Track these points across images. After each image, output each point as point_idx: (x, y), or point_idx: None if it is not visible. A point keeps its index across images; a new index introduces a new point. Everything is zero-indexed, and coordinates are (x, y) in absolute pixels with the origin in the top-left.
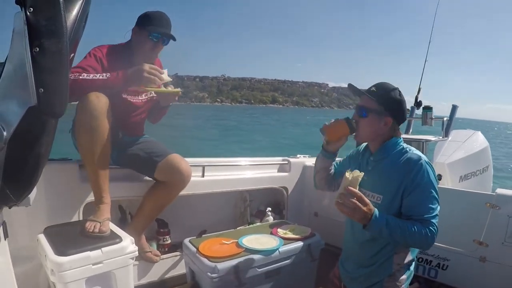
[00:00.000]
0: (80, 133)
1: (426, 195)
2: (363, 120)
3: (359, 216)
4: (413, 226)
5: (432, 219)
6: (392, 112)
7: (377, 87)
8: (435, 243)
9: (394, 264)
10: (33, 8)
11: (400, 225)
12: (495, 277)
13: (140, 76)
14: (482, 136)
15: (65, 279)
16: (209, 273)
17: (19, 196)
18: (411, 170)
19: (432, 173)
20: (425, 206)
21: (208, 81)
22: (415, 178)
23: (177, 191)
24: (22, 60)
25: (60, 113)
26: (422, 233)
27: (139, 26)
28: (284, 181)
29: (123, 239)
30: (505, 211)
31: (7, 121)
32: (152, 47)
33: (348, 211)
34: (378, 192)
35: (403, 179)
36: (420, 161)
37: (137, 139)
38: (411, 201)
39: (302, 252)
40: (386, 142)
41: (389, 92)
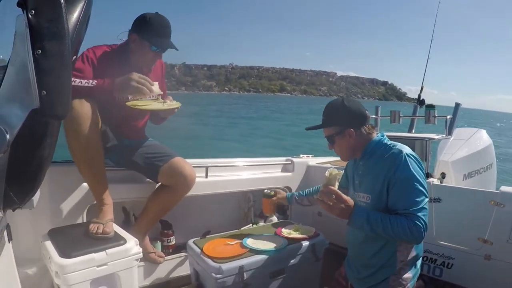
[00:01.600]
0: (69, 140)
1: (409, 188)
2: (335, 146)
3: (337, 212)
4: (397, 220)
5: (417, 212)
6: (346, 124)
7: (324, 113)
8: (440, 241)
9: (397, 261)
10: (34, 10)
11: (382, 219)
12: (500, 275)
13: (128, 85)
14: (486, 134)
15: (70, 281)
16: (213, 274)
17: (22, 199)
18: (392, 165)
19: (417, 166)
20: (409, 199)
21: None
22: (396, 172)
23: (181, 194)
24: (24, 63)
25: (63, 115)
26: (406, 227)
27: (139, 35)
28: (287, 181)
29: (128, 240)
30: (510, 208)
31: (10, 124)
32: (153, 58)
33: (327, 207)
34: (367, 192)
35: (386, 174)
36: (400, 155)
37: (140, 143)
38: (394, 195)
39: (306, 252)
40: (368, 144)
41: (333, 110)
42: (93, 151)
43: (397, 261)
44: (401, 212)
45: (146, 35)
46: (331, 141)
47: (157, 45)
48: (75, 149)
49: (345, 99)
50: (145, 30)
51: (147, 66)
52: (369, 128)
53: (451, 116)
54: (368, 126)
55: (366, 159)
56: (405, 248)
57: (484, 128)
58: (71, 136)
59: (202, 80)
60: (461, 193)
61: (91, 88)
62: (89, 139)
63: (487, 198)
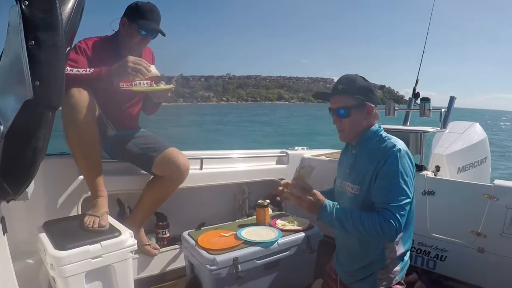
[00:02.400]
0: (66, 130)
1: (392, 183)
2: (347, 120)
3: (306, 205)
4: (368, 216)
5: (393, 210)
6: (369, 99)
7: (343, 82)
8: (433, 234)
9: (387, 258)
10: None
11: (352, 214)
12: (493, 268)
13: (125, 69)
14: (480, 128)
15: (65, 274)
16: (208, 266)
17: (17, 190)
18: (382, 157)
19: (407, 164)
20: (388, 194)
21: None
22: (385, 165)
23: (175, 185)
24: (17, 54)
25: (57, 105)
26: (377, 223)
27: (128, 19)
28: (282, 173)
29: (122, 232)
30: (503, 202)
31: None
32: (140, 41)
33: (296, 201)
34: (357, 184)
35: (376, 166)
36: (393, 149)
37: (133, 133)
38: (376, 187)
39: (301, 243)
40: (365, 133)
41: (356, 81)
42: (90, 141)
43: (386, 258)
44: (378, 205)
45: (134, 18)
46: (346, 113)
47: (145, 28)
48: (72, 139)
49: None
50: (134, 14)
51: (135, 50)
52: (376, 115)
53: (445, 109)
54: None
55: (359, 149)
56: (393, 245)
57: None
58: (68, 125)
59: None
60: (455, 186)
61: (89, 76)
62: (87, 129)
63: (481, 191)
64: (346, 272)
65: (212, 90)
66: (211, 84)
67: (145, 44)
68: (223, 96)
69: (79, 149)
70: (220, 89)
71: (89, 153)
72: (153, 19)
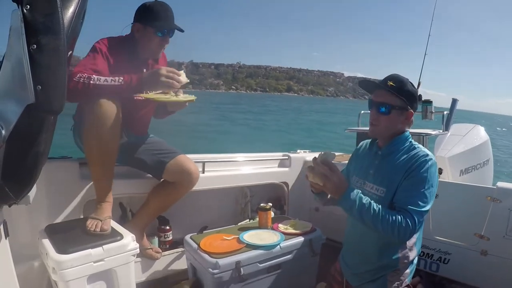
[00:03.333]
0: (88, 140)
1: (418, 188)
2: (384, 118)
3: (330, 186)
4: (389, 214)
5: (414, 213)
6: (412, 106)
7: (394, 80)
8: (436, 236)
9: (400, 262)
10: (29, 5)
11: (373, 207)
12: (496, 271)
13: (157, 81)
14: (483, 130)
15: (67, 277)
16: (210, 269)
17: (18, 195)
18: (414, 163)
19: (435, 176)
20: (413, 198)
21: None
22: (415, 170)
23: (184, 191)
24: (19, 58)
25: (59, 110)
26: (396, 222)
27: (142, 23)
28: (284, 176)
29: (124, 236)
30: (506, 204)
31: (5, 119)
32: (160, 43)
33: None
34: (383, 186)
35: (407, 171)
36: (426, 157)
37: (143, 139)
38: (401, 191)
39: (303, 247)
40: (398, 137)
41: (406, 84)
42: (111, 151)
43: (400, 262)
44: (398, 205)
45: (149, 22)
46: (387, 111)
47: (161, 29)
48: (92, 148)
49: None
50: (147, 17)
51: (154, 54)
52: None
53: (448, 112)
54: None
55: (388, 151)
56: (408, 249)
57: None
58: (91, 135)
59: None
60: (458, 189)
61: (119, 87)
62: (110, 140)
63: (483, 194)
64: (355, 274)
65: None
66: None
67: (165, 45)
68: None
69: (98, 158)
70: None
71: (107, 162)
72: (167, 18)
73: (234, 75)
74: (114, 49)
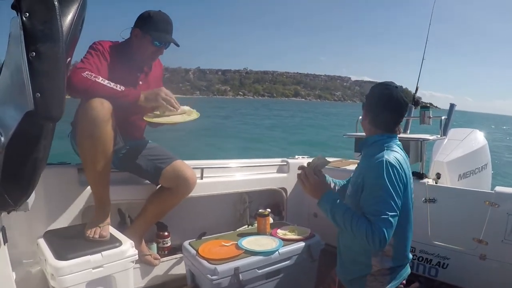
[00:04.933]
0: (81, 140)
1: (375, 196)
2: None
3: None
4: (359, 221)
5: (378, 222)
6: (366, 106)
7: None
8: (435, 241)
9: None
10: (28, 13)
11: (345, 214)
12: (495, 275)
13: (156, 99)
14: (481, 134)
15: (65, 284)
16: (209, 275)
17: (17, 201)
18: (369, 168)
19: (393, 175)
20: (374, 207)
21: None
22: (370, 176)
23: (181, 197)
24: (18, 65)
25: (57, 117)
26: (364, 231)
27: (141, 30)
28: (283, 182)
29: (123, 242)
30: (504, 208)
31: (4, 126)
32: (154, 52)
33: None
34: (351, 184)
35: (364, 176)
36: (379, 160)
37: (140, 144)
38: (363, 199)
39: (302, 253)
40: (366, 139)
41: (373, 87)
42: (105, 155)
43: (372, 265)
44: (367, 216)
45: (148, 30)
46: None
47: (159, 40)
48: (86, 150)
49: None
50: (147, 25)
51: (148, 61)
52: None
53: (446, 117)
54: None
55: (364, 152)
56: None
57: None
58: (84, 137)
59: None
60: (456, 194)
61: (118, 94)
62: (104, 142)
63: (482, 198)
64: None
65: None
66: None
67: (158, 55)
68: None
69: (92, 161)
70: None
71: (102, 166)
72: (166, 30)
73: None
74: (113, 51)
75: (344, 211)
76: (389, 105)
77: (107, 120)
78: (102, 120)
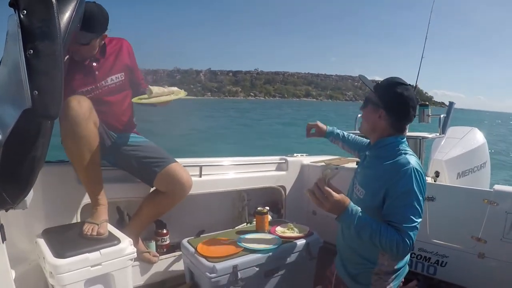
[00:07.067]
0: (65, 142)
1: (407, 204)
2: (363, 111)
3: (325, 209)
4: (388, 232)
5: (409, 230)
6: (386, 105)
7: (384, 80)
8: (433, 239)
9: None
10: (26, 10)
11: (372, 226)
12: (494, 273)
13: None
14: (480, 133)
15: (64, 282)
16: (207, 273)
17: (15, 199)
18: (395, 175)
19: (420, 183)
20: (404, 215)
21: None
22: (398, 184)
23: (176, 200)
24: (16, 63)
25: (55, 115)
26: (394, 241)
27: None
28: (282, 180)
29: (122, 240)
30: (503, 207)
31: (2, 124)
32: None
33: (317, 202)
34: (364, 187)
35: (386, 182)
36: (407, 167)
37: (134, 141)
38: (391, 206)
39: (300, 250)
40: (381, 140)
41: (391, 85)
42: (91, 152)
43: (378, 260)
44: (393, 224)
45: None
46: (365, 104)
47: (78, 39)
48: (72, 151)
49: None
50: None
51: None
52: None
53: (444, 115)
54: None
55: (374, 154)
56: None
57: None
58: (68, 137)
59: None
60: (455, 192)
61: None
62: (88, 141)
63: (480, 197)
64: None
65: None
66: (239, 79)
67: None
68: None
69: (80, 161)
70: (248, 84)
71: (90, 165)
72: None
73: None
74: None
75: (371, 224)
76: (412, 107)
77: (87, 118)
78: (82, 118)
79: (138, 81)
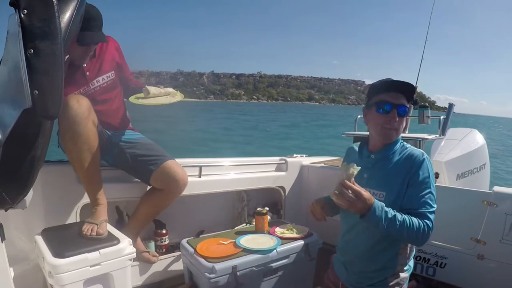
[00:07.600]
0: (64, 141)
1: (426, 190)
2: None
3: (356, 209)
4: (412, 220)
5: (429, 214)
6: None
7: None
8: (433, 241)
9: (397, 264)
10: (27, 10)
11: (399, 218)
12: (493, 275)
13: None
14: (479, 134)
15: (63, 281)
16: (206, 274)
17: (15, 199)
18: (413, 165)
19: (432, 170)
20: (425, 201)
21: (244, 78)
22: (418, 172)
23: (172, 198)
24: (16, 62)
25: (55, 114)
26: (420, 228)
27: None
28: (281, 180)
29: (121, 240)
30: (502, 208)
31: (2, 123)
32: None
33: (345, 203)
34: (381, 189)
35: (407, 173)
36: (423, 157)
37: (130, 138)
38: (411, 194)
39: (300, 251)
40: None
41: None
42: (90, 152)
43: (397, 264)
44: (413, 211)
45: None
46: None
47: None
48: (71, 150)
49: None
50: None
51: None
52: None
53: (444, 117)
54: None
55: (382, 155)
56: (406, 251)
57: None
58: (67, 137)
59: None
60: (454, 193)
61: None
62: (87, 140)
63: (480, 198)
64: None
65: (243, 88)
66: (241, 82)
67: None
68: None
69: (78, 160)
70: (250, 87)
71: (89, 164)
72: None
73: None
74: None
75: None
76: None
77: (86, 117)
78: (81, 117)
79: (127, 76)
